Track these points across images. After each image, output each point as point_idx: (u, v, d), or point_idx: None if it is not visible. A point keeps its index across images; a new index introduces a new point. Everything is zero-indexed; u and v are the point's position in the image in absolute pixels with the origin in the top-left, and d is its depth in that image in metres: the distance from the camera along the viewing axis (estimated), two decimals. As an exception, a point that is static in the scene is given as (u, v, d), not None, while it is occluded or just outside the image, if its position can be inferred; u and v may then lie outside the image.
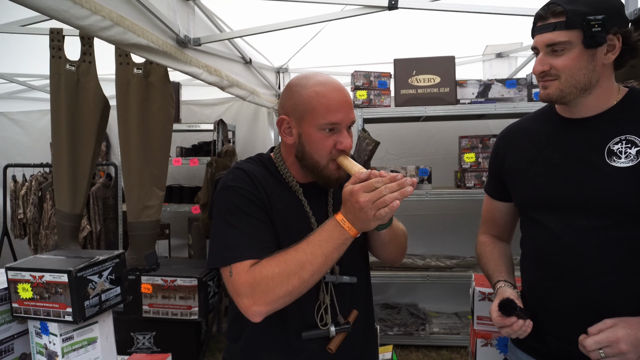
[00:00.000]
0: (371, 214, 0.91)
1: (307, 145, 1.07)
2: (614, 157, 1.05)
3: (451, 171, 3.35)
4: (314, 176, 1.11)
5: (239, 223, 1.03)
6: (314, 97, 1.05)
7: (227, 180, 1.09)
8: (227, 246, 1.02)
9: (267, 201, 1.07)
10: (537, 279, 1.18)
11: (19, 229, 3.85)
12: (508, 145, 1.28)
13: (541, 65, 1.08)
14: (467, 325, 3.28)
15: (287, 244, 1.03)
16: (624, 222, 1.04)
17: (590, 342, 0.98)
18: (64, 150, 2.31)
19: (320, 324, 1.08)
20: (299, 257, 0.97)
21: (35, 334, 1.30)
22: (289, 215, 1.10)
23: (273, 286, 0.96)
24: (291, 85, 1.11)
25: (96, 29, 1.39)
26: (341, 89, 1.07)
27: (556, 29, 1.04)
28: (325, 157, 1.07)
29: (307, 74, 1.12)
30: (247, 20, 2.60)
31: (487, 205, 1.41)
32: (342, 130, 1.07)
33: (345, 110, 1.06)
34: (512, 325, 1.09)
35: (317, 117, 1.04)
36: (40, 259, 1.37)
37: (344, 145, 1.06)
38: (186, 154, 3.88)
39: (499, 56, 3.60)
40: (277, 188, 1.12)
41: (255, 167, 1.13)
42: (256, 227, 1.04)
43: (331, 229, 0.98)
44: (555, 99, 1.10)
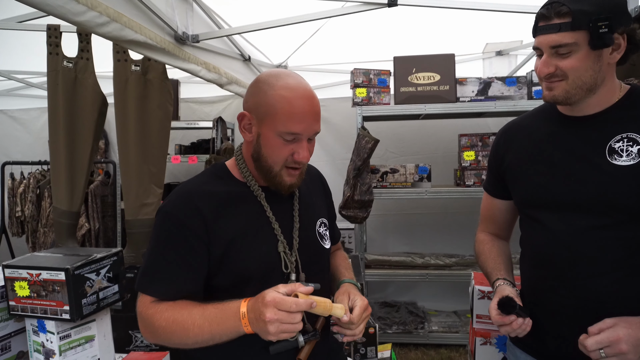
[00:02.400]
0: (272, 331, 0.88)
1: (263, 147, 1.03)
2: (615, 156, 1.04)
3: (451, 169, 3.34)
4: (267, 180, 1.07)
5: (160, 254, 1.03)
6: (278, 101, 0.99)
7: (166, 203, 1.06)
8: (143, 273, 1.05)
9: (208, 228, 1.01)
10: (537, 278, 1.17)
11: (16, 226, 3.84)
12: (508, 143, 1.26)
13: (547, 68, 1.05)
14: (466, 324, 3.28)
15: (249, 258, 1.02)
16: (624, 222, 1.03)
17: (591, 342, 0.97)
18: (62, 148, 2.30)
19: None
20: (186, 325, 0.95)
21: (32, 332, 1.30)
22: (248, 227, 1.05)
23: (158, 335, 1.00)
24: (259, 81, 1.04)
25: (93, 25, 1.38)
26: (309, 97, 1.01)
27: (561, 29, 1.00)
28: (279, 163, 1.03)
29: (279, 72, 1.05)
30: (246, 17, 2.58)
31: (486, 203, 1.40)
32: (302, 140, 1.02)
33: (309, 122, 1.01)
34: (512, 323, 1.08)
35: (278, 123, 0.99)
36: (37, 256, 1.36)
37: (300, 157, 1.02)
38: (185, 151, 3.87)
39: (499, 54, 3.60)
40: (233, 200, 1.06)
41: (205, 184, 1.07)
42: (173, 264, 1.01)
43: (229, 314, 0.94)
44: (561, 100, 1.08)
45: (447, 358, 3.12)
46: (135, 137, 2.21)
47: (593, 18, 0.97)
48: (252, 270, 1.03)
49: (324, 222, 1.19)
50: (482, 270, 1.35)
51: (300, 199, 1.15)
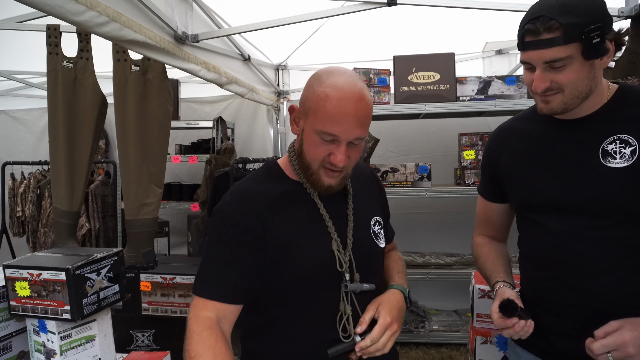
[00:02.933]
0: None
1: (304, 143, 1.02)
2: (609, 158, 1.04)
3: (451, 168, 3.34)
4: (306, 177, 1.05)
5: (214, 255, 1.03)
6: (321, 99, 0.96)
7: (223, 202, 1.06)
8: (199, 276, 1.04)
9: (264, 227, 1.01)
10: (538, 280, 1.17)
11: (17, 226, 3.84)
12: (501, 147, 1.26)
13: (543, 83, 1.03)
14: (467, 323, 3.28)
15: (305, 258, 1.01)
16: (622, 222, 1.03)
17: (597, 346, 0.97)
18: (62, 148, 2.30)
19: (344, 336, 1.02)
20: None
21: (33, 332, 1.30)
22: (303, 226, 1.04)
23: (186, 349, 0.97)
24: (313, 76, 1.03)
25: (92, 25, 1.38)
26: (355, 99, 0.95)
27: (554, 44, 0.98)
28: (315, 162, 1.01)
29: (334, 69, 1.02)
30: (245, 16, 2.58)
31: (482, 206, 1.39)
32: (341, 143, 0.97)
33: (348, 125, 0.95)
34: (514, 326, 1.08)
35: (316, 122, 0.97)
36: (38, 256, 1.36)
37: (336, 160, 0.98)
38: (185, 151, 3.87)
39: (499, 53, 3.59)
40: (288, 199, 1.05)
41: (260, 185, 1.07)
42: (228, 265, 1.01)
43: None
44: (559, 112, 1.07)
45: (448, 357, 3.12)
46: (135, 137, 2.21)
47: (585, 30, 0.96)
48: (307, 269, 1.02)
49: (378, 221, 1.17)
50: (481, 274, 1.34)
51: (354, 198, 1.13)
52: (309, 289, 1.02)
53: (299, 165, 1.06)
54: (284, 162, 1.13)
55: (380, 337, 1.00)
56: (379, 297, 1.09)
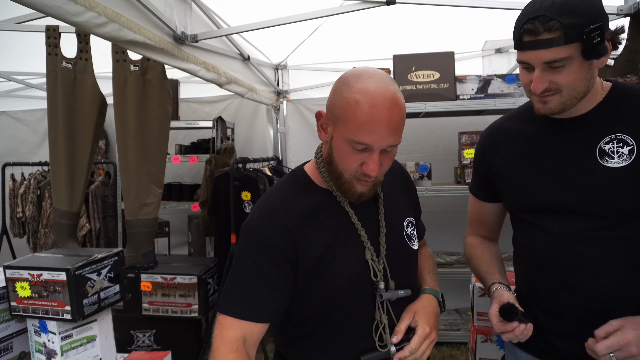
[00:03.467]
0: None
1: (334, 151, 0.96)
2: (607, 158, 1.03)
3: (451, 167, 3.34)
4: (336, 186, 1.00)
5: (243, 273, 0.99)
6: (351, 106, 0.90)
7: (251, 218, 1.01)
8: (225, 294, 1.01)
9: (295, 244, 0.97)
10: (537, 281, 1.16)
11: (18, 227, 3.85)
12: (494, 148, 1.24)
13: (542, 84, 1.02)
14: (468, 322, 3.29)
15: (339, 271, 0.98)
16: (620, 223, 1.03)
17: (601, 347, 0.97)
18: (61, 148, 2.30)
19: (380, 345, 1.00)
20: None
21: (34, 333, 1.30)
22: (336, 238, 1.00)
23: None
24: (341, 80, 0.96)
25: (91, 26, 1.38)
26: (388, 106, 0.89)
27: (553, 44, 0.96)
28: (348, 172, 0.96)
29: (363, 72, 0.94)
30: (244, 16, 2.58)
31: (474, 206, 1.38)
32: (374, 152, 0.92)
33: (381, 133, 0.90)
34: (514, 330, 1.07)
35: (347, 130, 0.91)
36: (38, 257, 1.37)
37: (369, 170, 0.93)
38: (185, 151, 3.87)
39: (499, 52, 3.59)
40: (319, 212, 1.01)
41: (289, 199, 1.02)
42: (256, 284, 0.97)
43: None
44: (557, 112, 1.06)
45: (449, 356, 3.12)
46: (135, 137, 2.21)
47: (585, 30, 0.94)
48: (342, 283, 0.99)
49: (411, 222, 1.14)
50: (475, 274, 1.34)
51: (385, 201, 1.08)
52: (345, 302, 1.00)
53: (329, 174, 1.01)
54: (311, 169, 1.08)
55: (419, 347, 0.99)
56: (414, 305, 1.07)
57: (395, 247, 1.07)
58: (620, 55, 2.04)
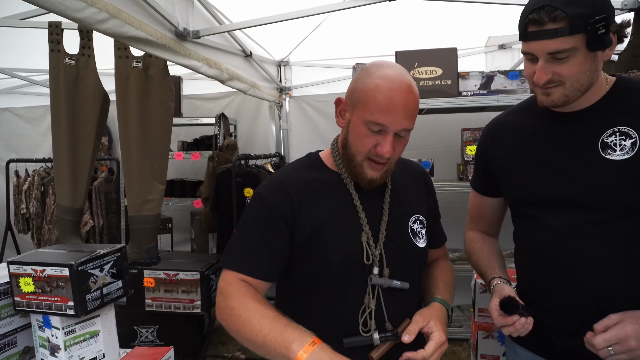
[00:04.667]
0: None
1: (351, 134, 1.03)
2: (609, 150, 1.02)
3: (454, 164, 3.33)
4: (349, 169, 1.06)
5: (246, 232, 1.07)
6: (371, 90, 0.98)
7: (261, 185, 1.11)
8: (228, 249, 1.08)
9: (294, 211, 1.03)
10: (536, 276, 1.16)
11: (22, 223, 3.87)
12: (495, 142, 1.24)
13: (545, 75, 1.01)
14: (469, 318, 3.28)
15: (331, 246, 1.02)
16: (622, 216, 1.02)
17: (599, 340, 0.96)
18: (64, 145, 2.31)
19: (364, 330, 1.02)
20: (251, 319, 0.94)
21: (37, 328, 1.31)
22: (334, 215, 1.05)
23: (224, 314, 1.00)
24: (362, 69, 1.05)
25: (93, 22, 1.38)
26: (404, 90, 0.98)
27: (558, 35, 0.95)
28: (361, 153, 1.02)
29: (383, 62, 1.04)
30: (247, 12, 2.58)
31: (475, 201, 1.38)
32: (389, 134, 0.99)
33: (397, 115, 0.97)
34: (515, 324, 1.06)
35: (365, 111, 0.98)
36: (41, 253, 1.37)
37: (383, 150, 0.99)
38: (188, 148, 3.88)
39: (502, 47, 3.57)
40: (323, 187, 1.07)
41: (297, 172, 1.10)
42: (256, 243, 1.04)
43: (291, 339, 0.89)
44: (560, 105, 1.05)
45: (451, 352, 3.12)
46: (137, 134, 2.22)
47: (590, 20, 0.94)
48: (334, 258, 1.03)
49: (419, 219, 1.15)
50: (475, 269, 1.33)
51: (393, 192, 1.12)
52: (336, 279, 1.03)
53: (343, 157, 1.08)
54: (325, 155, 1.16)
55: (432, 354, 0.98)
56: (427, 310, 1.07)
57: (396, 237, 1.08)
58: (624, 51, 2.02)
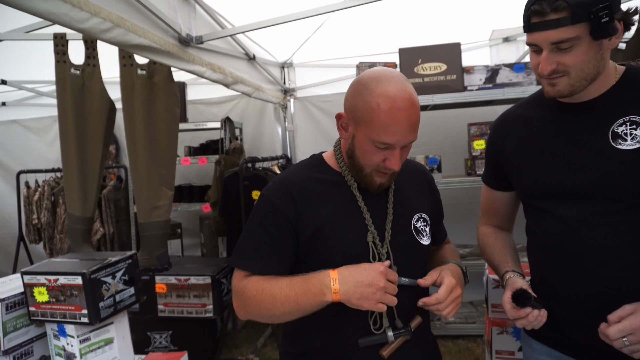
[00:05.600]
0: (375, 297, 0.92)
1: (357, 149, 1.04)
2: (619, 140, 1.01)
3: (461, 159, 3.31)
4: (357, 178, 1.08)
5: (253, 233, 1.10)
6: (375, 109, 0.97)
7: (266, 187, 1.13)
8: (237, 250, 1.11)
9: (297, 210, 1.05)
10: (548, 268, 1.15)
11: (33, 234, 3.91)
12: (505, 135, 1.23)
13: (549, 65, 1.01)
14: (483, 314, 3.26)
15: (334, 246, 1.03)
16: (633, 206, 1.01)
17: (613, 330, 0.95)
18: (73, 154, 2.33)
19: (374, 328, 1.03)
20: (274, 293, 1.00)
21: (53, 337, 1.32)
22: (337, 215, 1.06)
23: (248, 305, 1.05)
24: (359, 83, 1.03)
25: (97, 32, 1.39)
26: (407, 108, 0.98)
27: (561, 25, 0.95)
28: (370, 167, 1.04)
29: (381, 75, 1.02)
30: (249, 15, 2.58)
31: (486, 195, 1.37)
32: (396, 149, 1.01)
33: (403, 133, 0.99)
34: (527, 316, 1.06)
35: (371, 132, 0.99)
36: (54, 262, 1.39)
37: (391, 165, 1.02)
38: (194, 153, 3.90)
39: (506, 40, 3.54)
40: (326, 188, 1.09)
41: (300, 173, 1.12)
42: (263, 244, 1.07)
43: (315, 283, 0.97)
44: (566, 95, 1.05)
45: (465, 349, 3.10)
46: (144, 141, 2.23)
47: (593, 9, 0.93)
48: (336, 258, 1.03)
49: (422, 217, 1.16)
50: (489, 264, 1.33)
51: (396, 192, 1.13)
52: None
53: (350, 166, 1.09)
54: (328, 155, 1.17)
55: (446, 297, 0.99)
56: (439, 267, 1.09)
57: (400, 236, 1.09)
58: (631, 39, 2.00)
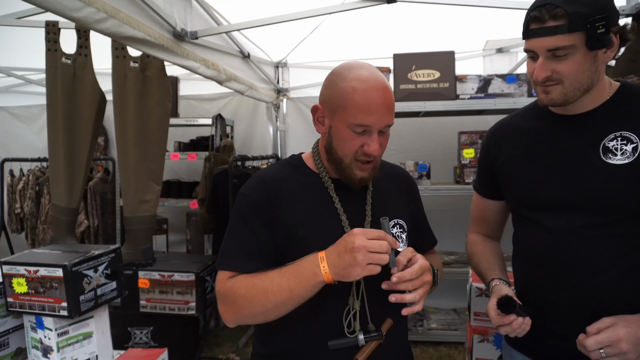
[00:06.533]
0: (360, 259, 0.88)
1: (334, 139, 1.04)
2: (610, 154, 1.03)
3: (450, 167, 3.33)
4: (338, 172, 1.07)
5: (236, 232, 1.07)
6: (349, 93, 0.98)
7: (244, 187, 1.12)
8: (222, 252, 1.08)
9: (273, 206, 1.04)
10: (533, 278, 1.16)
11: (16, 223, 3.84)
12: (499, 143, 1.24)
13: (544, 72, 1.02)
14: (465, 321, 3.28)
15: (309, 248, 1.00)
16: (621, 220, 1.02)
17: (591, 342, 0.96)
18: (60, 145, 2.30)
19: (348, 332, 1.02)
20: (265, 286, 0.98)
21: (30, 329, 1.30)
22: (312, 216, 1.05)
23: (239, 305, 1.01)
24: (333, 74, 1.05)
25: (91, 21, 1.37)
26: (381, 89, 0.99)
27: (558, 32, 0.97)
28: (349, 155, 1.03)
29: (353, 64, 1.04)
30: (245, 13, 2.58)
31: (477, 203, 1.38)
32: (373, 133, 1.00)
33: (380, 113, 0.99)
34: (512, 323, 1.06)
35: (348, 115, 0.99)
36: (35, 253, 1.36)
37: (370, 149, 1.01)
38: (184, 148, 3.87)
39: (500, 51, 3.58)
40: (302, 188, 1.08)
41: (278, 171, 1.12)
42: (248, 240, 1.05)
43: (305, 265, 0.96)
44: (559, 104, 1.06)
45: (447, 355, 3.12)
46: (134, 134, 2.21)
47: (590, 19, 0.96)
48: None
49: (399, 224, 1.14)
50: (476, 272, 1.33)
51: (375, 194, 1.12)
52: None
53: (330, 162, 1.08)
54: (307, 156, 1.16)
55: (418, 275, 0.95)
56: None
57: None
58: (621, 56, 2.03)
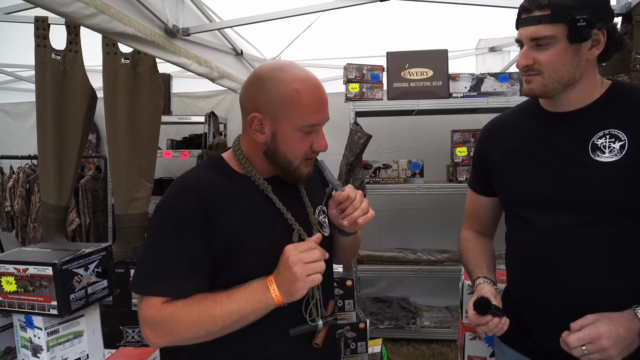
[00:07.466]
0: (298, 272, 0.91)
1: (281, 144, 1.00)
2: (598, 152, 1.04)
3: (443, 165, 3.35)
4: (283, 174, 1.05)
5: (167, 249, 0.96)
6: (294, 96, 0.96)
7: (166, 197, 1.00)
8: (146, 273, 0.96)
9: (210, 219, 0.96)
10: (523, 276, 1.17)
11: (6, 221, 3.80)
12: (492, 141, 1.26)
13: (525, 59, 1.06)
14: (458, 319, 3.30)
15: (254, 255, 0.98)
16: (608, 219, 1.03)
17: (573, 339, 0.97)
18: (50, 142, 2.27)
19: (310, 319, 1.03)
20: (214, 312, 0.92)
21: (20, 328, 1.28)
22: (253, 220, 1.01)
23: (178, 331, 0.93)
24: (262, 78, 0.99)
25: (80, 17, 1.36)
26: (320, 86, 1.01)
27: (541, 22, 1.01)
28: (300, 157, 1.02)
29: (280, 65, 1.01)
30: (238, 10, 2.56)
31: (471, 200, 1.39)
32: (319, 130, 1.02)
33: (325, 110, 1.01)
34: (487, 323, 1.08)
35: (296, 118, 0.97)
36: (25, 251, 1.35)
37: (321, 146, 1.02)
38: (177, 146, 3.85)
39: (492, 50, 3.60)
40: (236, 193, 1.02)
41: (204, 175, 1.02)
42: (183, 258, 0.95)
43: (256, 289, 0.94)
44: (538, 94, 1.09)
45: (439, 353, 3.14)
46: (125, 131, 2.19)
47: (572, 12, 0.98)
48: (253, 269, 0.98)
49: (322, 209, 1.15)
50: (465, 268, 1.34)
51: (305, 186, 1.13)
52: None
53: (274, 165, 1.04)
54: (228, 157, 1.09)
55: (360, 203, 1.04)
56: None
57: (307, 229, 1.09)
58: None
